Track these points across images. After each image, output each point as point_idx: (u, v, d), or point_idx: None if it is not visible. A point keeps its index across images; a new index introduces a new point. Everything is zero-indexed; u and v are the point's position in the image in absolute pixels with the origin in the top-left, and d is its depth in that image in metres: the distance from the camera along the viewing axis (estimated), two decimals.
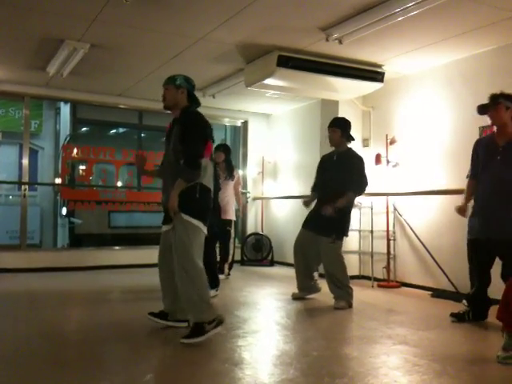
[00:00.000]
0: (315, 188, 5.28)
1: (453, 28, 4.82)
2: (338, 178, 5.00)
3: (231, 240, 6.70)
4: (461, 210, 4.26)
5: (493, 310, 4.06)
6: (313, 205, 5.21)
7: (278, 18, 4.69)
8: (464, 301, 4.31)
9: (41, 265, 7.11)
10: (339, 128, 5.08)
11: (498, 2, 4.21)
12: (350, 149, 5.14)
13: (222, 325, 3.56)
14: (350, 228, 5.11)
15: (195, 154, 3.48)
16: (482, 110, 4.12)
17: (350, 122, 5.17)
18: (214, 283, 5.22)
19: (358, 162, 5.04)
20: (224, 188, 6.29)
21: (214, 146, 5.95)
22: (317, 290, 5.30)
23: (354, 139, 5.20)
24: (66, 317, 4.53)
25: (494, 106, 4.03)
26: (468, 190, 4.27)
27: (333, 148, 5.20)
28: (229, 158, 6.62)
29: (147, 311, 3.88)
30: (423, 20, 4.55)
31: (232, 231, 6.66)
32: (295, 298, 5.26)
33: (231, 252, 6.79)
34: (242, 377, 2.81)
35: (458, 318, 4.23)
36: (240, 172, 9.05)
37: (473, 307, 4.20)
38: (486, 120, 4.28)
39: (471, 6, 4.31)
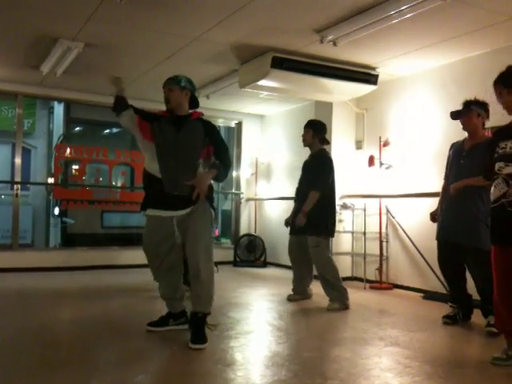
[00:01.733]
0: (296, 192, 5.39)
1: (446, 31, 4.85)
2: (307, 179, 5.15)
3: None
4: (432, 215, 4.44)
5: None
6: None
7: (273, 20, 4.70)
8: (449, 303, 4.39)
9: (33, 264, 7.07)
10: (311, 129, 5.19)
11: (492, 5, 4.24)
12: (322, 150, 5.21)
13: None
14: (334, 229, 5.07)
15: (230, 162, 3.73)
16: (455, 115, 4.25)
17: (325, 126, 5.27)
18: None
19: (322, 161, 5.11)
20: None
21: None
22: (308, 296, 5.36)
23: (328, 143, 5.31)
24: (57, 317, 4.50)
25: (466, 112, 4.15)
26: (442, 193, 4.41)
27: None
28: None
29: (140, 311, 3.88)
30: (417, 23, 4.57)
31: None
32: (290, 299, 5.28)
33: None
34: (234, 378, 2.81)
35: (450, 319, 4.26)
36: (234, 173, 9.08)
37: (459, 307, 4.27)
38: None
39: (465, 10, 4.33)
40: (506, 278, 3.10)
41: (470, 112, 4.13)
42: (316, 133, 5.18)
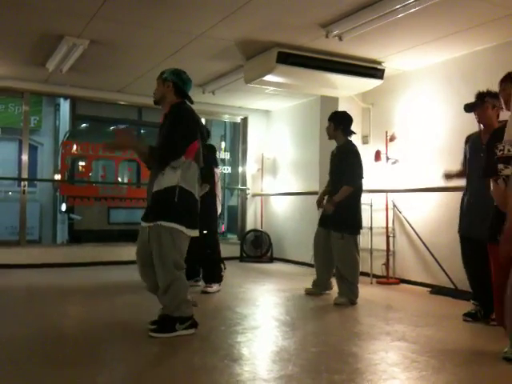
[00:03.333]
0: (328, 184, 5.38)
1: (452, 25, 4.82)
2: (336, 171, 5.12)
3: None
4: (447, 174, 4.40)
5: None
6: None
7: (278, 15, 4.69)
8: (472, 300, 4.28)
9: (40, 261, 7.11)
10: (332, 121, 5.17)
11: None
12: (348, 142, 5.18)
13: (195, 328, 3.57)
14: (360, 225, 5.09)
15: (170, 149, 3.44)
16: (469, 108, 4.18)
17: (348, 117, 5.20)
18: (217, 278, 5.52)
19: (349, 155, 5.07)
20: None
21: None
22: (329, 288, 5.35)
23: (353, 133, 5.23)
24: (65, 313, 4.53)
25: (480, 104, 4.07)
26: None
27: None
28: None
29: (147, 307, 3.88)
30: (423, 17, 4.55)
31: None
32: (308, 293, 5.30)
33: None
34: (241, 373, 2.82)
35: (471, 317, 4.16)
36: (240, 169, 9.09)
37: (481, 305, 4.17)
38: None
39: (471, 4, 4.30)
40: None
41: (484, 104, 4.04)
42: (337, 125, 5.14)
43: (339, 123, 5.14)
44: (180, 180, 3.45)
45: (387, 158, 6.35)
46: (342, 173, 4.99)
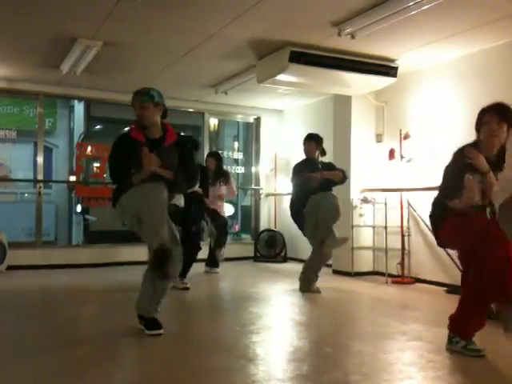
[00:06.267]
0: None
1: (466, 22, 4.77)
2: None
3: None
4: None
5: None
6: None
7: (290, 14, 4.68)
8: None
9: (56, 261, 7.18)
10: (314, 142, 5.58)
11: None
12: None
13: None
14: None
15: (195, 181, 4.00)
16: None
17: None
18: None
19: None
20: (215, 192, 6.77)
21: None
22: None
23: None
24: (80, 313, 4.56)
25: None
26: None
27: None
28: (220, 164, 7.01)
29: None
30: (437, 14, 4.50)
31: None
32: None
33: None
34: (256, 372, 2.82)
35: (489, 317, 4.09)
36: (253, 169, 9.09)
37: None
38: None
39: (484, 0, 4.26)
40: None
41: None
42: (319, 146, 5.55)
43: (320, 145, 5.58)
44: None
45: (401, 157, 6.30)
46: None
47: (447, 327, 3.23)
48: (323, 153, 5.59)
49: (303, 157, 5.71)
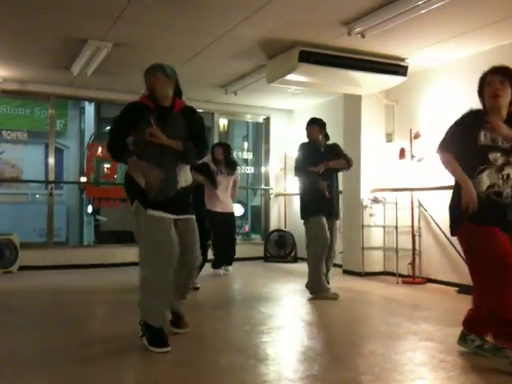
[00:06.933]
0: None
1: (476, 20, 4.74)
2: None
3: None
4: None
5: None
6: None
7: (300, 13, 4.67)
8: None
9: (67, 262, 7.23)
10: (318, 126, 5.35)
11: None
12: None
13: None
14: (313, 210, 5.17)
15: (207, 146, 3.68)
16: None
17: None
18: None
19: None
20: (224, 183, 6.57)
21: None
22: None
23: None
24: (92, 313, 4.59)
25: None
26: None
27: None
28: (228, 154, 6.75)
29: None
30: (447, 12, 4.47)
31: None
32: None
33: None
34: (267, 372, 2.82)
35: None
36: (263, 169, 9.09)
37: None
38: None
39: None
40: None
41: None
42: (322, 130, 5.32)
43: (324, 128, 5.36)
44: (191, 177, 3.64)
45: (412, 156, 6.27)
46: None
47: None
48: (327, 137, 5.41)
49: None
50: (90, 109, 9.73)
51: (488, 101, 3.08)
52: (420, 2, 4.23)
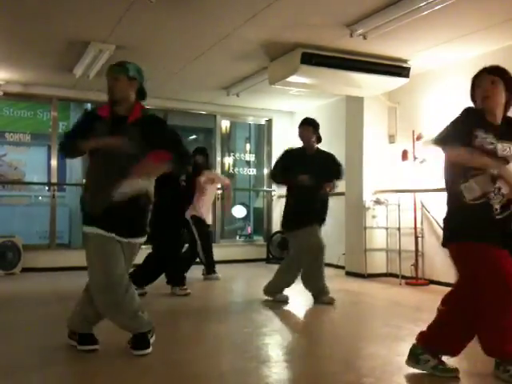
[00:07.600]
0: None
1: (481, 21, 4.73)
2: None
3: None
4: None
5: None
6: None
7: (302, 15, 4.67)
8: None
9: (70, 264, 7.21)
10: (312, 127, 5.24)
11: None
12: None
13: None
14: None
15: (186, 149, 3.32)
16: None
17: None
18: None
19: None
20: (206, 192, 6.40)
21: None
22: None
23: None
24: None
25: None
26: None
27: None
28: (207, 160, 6.55)
29: (178, 308, 3.90)
30: (450, 13, 4.47)
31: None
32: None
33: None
34: (269, 375, 2.81)
35: None
36: (265, 171, 9.07)
37: None
38: None
39: None
40: None
41: None
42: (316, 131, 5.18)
43: (317, 129, 5.21)
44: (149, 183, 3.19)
45: (414, 158, 6.26)
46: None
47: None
48: (319, 140, 5.21)
49: None
50: None
51: (480, 104, 3.01)
52: (422, 4, 4.22)
